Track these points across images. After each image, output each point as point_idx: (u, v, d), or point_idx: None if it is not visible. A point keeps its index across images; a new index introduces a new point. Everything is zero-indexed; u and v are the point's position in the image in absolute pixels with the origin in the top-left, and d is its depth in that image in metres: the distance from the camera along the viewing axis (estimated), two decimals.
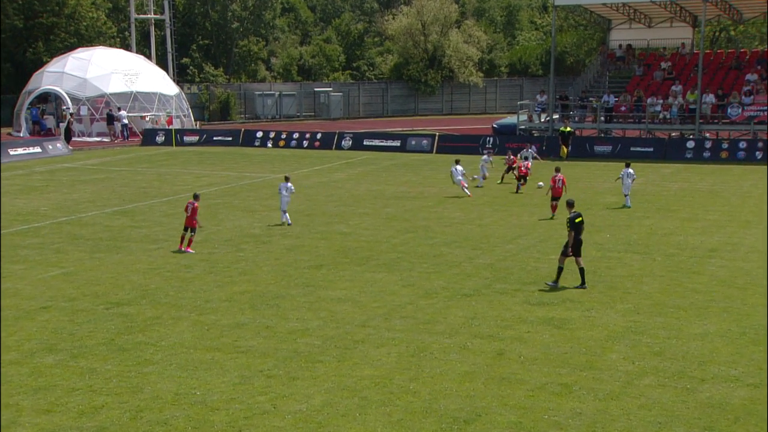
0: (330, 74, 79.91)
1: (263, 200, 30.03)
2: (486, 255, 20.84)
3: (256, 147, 50.02)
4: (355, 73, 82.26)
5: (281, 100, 72.19)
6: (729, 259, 19.84)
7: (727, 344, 13.90)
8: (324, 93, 73.82)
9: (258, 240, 23.01)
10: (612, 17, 51.26)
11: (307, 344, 14.31)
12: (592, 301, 16.57)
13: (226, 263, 20.27)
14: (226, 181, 35.23)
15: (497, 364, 13.22)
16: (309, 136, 50.37)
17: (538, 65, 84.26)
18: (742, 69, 45.32)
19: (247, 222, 25.72)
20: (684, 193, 30.31)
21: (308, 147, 49.30)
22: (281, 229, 24.40)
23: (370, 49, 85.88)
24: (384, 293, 17.49)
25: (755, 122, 41.10)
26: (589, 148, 42.57)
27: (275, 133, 51.45)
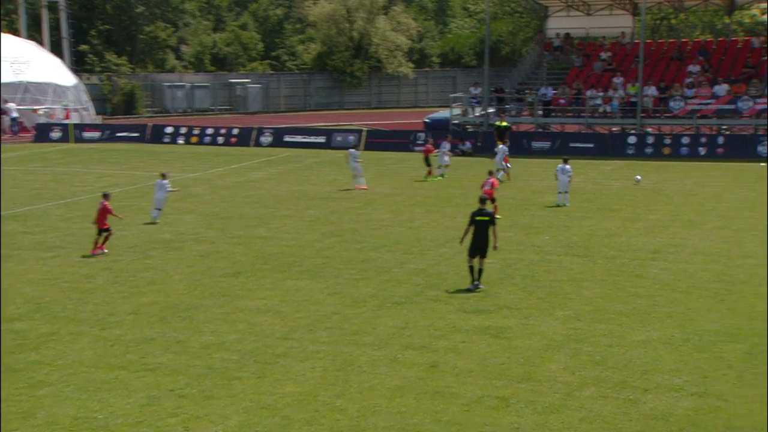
0: (247, 64, 79.22)
1: (174, 202, 29.52)
2: (418, 259, 20.97)
3: (165, 144, 49.25)
4: (274, 63, 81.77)
5: (193, 92, 71.26)
6: (672, 261, 20.45)
7: (671, 351, 14.32)
8: (240, 85, 73.19)
9: (168, 246, 22.65)
10: (549, 4, 52.31)
11: (223, 360, 14.15)
12: (530, 308, 16.85)
13: (132, 272, 19.88)
14: (132, 181, 34.57)
15: (430, 377, 13.32)
16: (224, 131, 49.90)
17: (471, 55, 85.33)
18: (683, 60, 46.84)
19: (155, 226, 25.28)
20: (626, 191, 31.12)
21: (224, 144, 48.83)
22: (194, 234, 24.07)
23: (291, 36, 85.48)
24: (308, 302, 17.42)
25: (698, 116, 42.52)
26: (526, 144, 43.34)
27: (187, 129, 50.79)
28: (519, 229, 24.41)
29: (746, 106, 41.38)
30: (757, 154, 39.47)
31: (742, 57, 46.26)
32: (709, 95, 42.47)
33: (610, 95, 44.26)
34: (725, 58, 46.81)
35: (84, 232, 24.11)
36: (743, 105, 41.41)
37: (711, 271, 19.40)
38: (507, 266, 20.12)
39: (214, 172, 37.69)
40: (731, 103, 41.72)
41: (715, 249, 21.60)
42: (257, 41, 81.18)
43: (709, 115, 42.54)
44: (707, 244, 22.21)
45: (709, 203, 28.24)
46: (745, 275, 19.04)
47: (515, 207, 28.11)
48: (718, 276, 19.00)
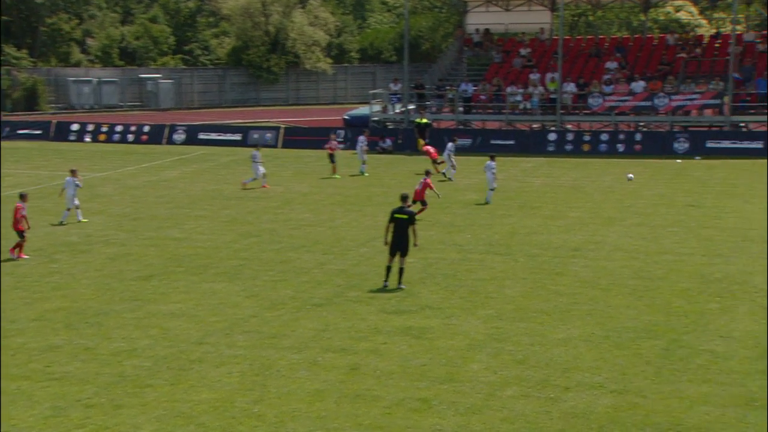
0: (158, 59, 77.78)
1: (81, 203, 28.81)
2: (338, 260, 20.98)
3: (71, 142, 48.06)
4: (187, 58, 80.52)
5: (100, 87, 69.62)
6: (592, 259, 20.95)
7: (591, 349, 14.67)
8: (151, 80, 71.85)
9: (75, 249, 22.11)
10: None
11: (134, 367, 13.89)
12: (452, 308, 17.03)
13: (36, 277, 19.34)
14: (36, 181, 33.61)
15: (351, 380, 13.34)
16: (135, 129, 48.98)
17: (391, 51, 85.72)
18: (601, 56, 48.02)
19: (61, 229, 24.66)
20: (546, 188, 31.73)
21: (134, 141, 47.91)
22: (103, 236, 23.55)
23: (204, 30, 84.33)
24: (224, 306, 17.25)
25: (616, 113, 43.66)
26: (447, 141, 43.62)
27: (94, 126, 49.69)
28: (440, 228, 24.64)
29: (662, 102, 42.68)
30: (673, 150, 40.75)
31: (657, 54, 47.69)
32: (627, 92, 43.64)
33: (530, 92, 45.05)
34: (641, 54, 48.18)
35: None
36: (659, 102, 42.69)
37: (630, 268, 19.95)
38: (428, 265, 20.29)
39: (124, 171, 36.94)
40: (648, 99, 42.97)
41: (633, 246, 22.22)
42: (168, 35, 79.77)
43: (627, 111, 43.71)
44: (626, 240, 22.83)
45: (627, 200, 29.03)
46: (662, 272, 19.64)
47: (436, 205, 28.36)
48: (636, 273, 19.56)
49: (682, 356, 14.24)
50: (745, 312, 16.59)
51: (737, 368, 13.71)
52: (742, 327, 15.71)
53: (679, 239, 22.88)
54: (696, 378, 13.34)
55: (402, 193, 18.87)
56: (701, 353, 14.37)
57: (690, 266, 20.04)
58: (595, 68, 46.98)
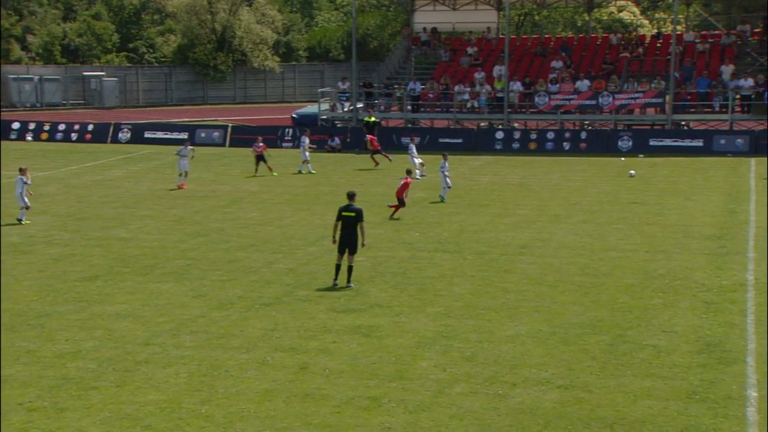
0: (102, 56, 76.58)
1: None
2: (287, 259, 20.89)
3: (12, 140, 47.06)
4: (132, 56, 79.42)
5: (42, 85, 68.31)
6: (539, 256, 21.17)
7: (538, 345, 14.83)
8: (95, 78, 70.73)
9: (17, 249, 21.67)
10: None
11: (78, 369, 13.66)
12: (401, 306, 17.07)
13: None
14: None
15: (300, 380, 13.29)
16: (78, 127, 48.20)
17: (339, 49, 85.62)
18: (547, 56, 48.56)
19: (2, 229, 24.11)
20: (494, 186, 31.98)
21: (78, 140, 47.13)
22: (46, 236, 23.12)
23: (149, 28, 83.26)
24: (171, 306, 17.06)
25: (561, 111, 44.19)
26: (396, 140, 43.83)
27: (36, 124, 48.79)
28: (389, 226, 24.68)
29: (606, 101, 43.31)
30: (617, 148, 41.38)
31: (601, 53, 48.39)
32: (572, 91, 44.20)
33: (478, 90, 45.36)
34: (586, 54, 48.84)
35: None
36: (603, 101, 43.31)
37: (576, 265, 20.21)
38: (378, 264, 20.31)
39: (68, 170, 36.31)
40: (592, 98, 43.56)
41: (579, 243, 22.51)
42: (112, 32, 78.58)
43: (572, 110, 44.27)
44: (572, 238, 23.12)
45: (573, 197, 29.40)
46: (607, 268, 19.93)
47: (385, 203, 28.39)
48: (582, 269, 19.81)
49: (627, 351, 14.48)
50: (686, 307, 16.93)
51: (679, 362, 13.98)
52: (684, 322, 16.02)
53: (623, 236, 23.25)
54: (640, 372, 13.56)
55: (349, 190, 18.84)
56: (645, 348, 14.62)
57: (634, 262, 20.38)
58: (541, 67, 47.49)
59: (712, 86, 42.54)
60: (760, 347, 14.56)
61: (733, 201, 28.21)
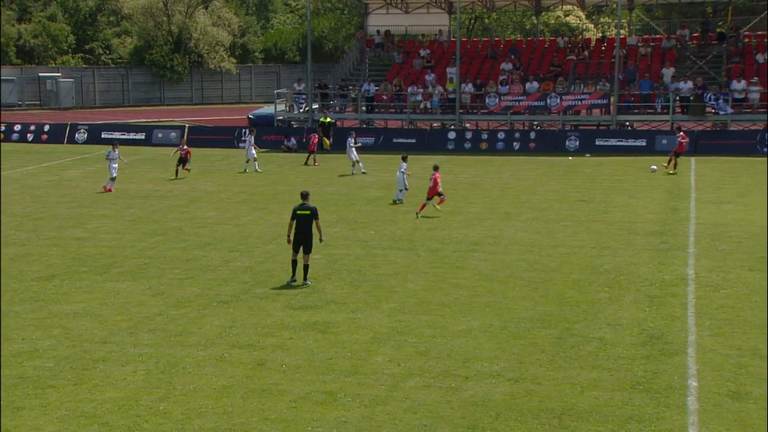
0: (57, 57, 75.32)
1: None
2: (244, 257, 20.76)
3: None
4: (88, 57, 78.24)
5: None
6: (490, 253, 21.32)
7: (489, 339, 14.94)
8: (51, 79, 69.56)
9: None
10: (369, 1, 53.13)
11: (35, 368, 13.44)
12: (357, 302, 17.08)
13: None
14: None
15: (257, 376, 13.23)
16: (34, 128, 47.38)
17: (295, 51, 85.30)
18: (497, 58, 48.90)
19: None
20: (447, 185, 32.01)
21: (34, 141, 46.32)
22: (2, 236, 22.65)
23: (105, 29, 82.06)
24: (129, 304, 16.86)
25: (511, 112, 44.54)
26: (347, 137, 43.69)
27: None
28: (345, 224, 24.66)
29: (554, 102, 43.76)
30: (565, 148, 41.84)
31: (549, 56, 48.86)
32: (521, 92, 44.58)
33: (430, 92, 45.51)
34: (534, 56, 49.28)
35: None
36: (552, 102, 43.75)
37: (526, 261, 20.39)
38: (333, 261, 20.28)
39: (24, 170, 35.65)
40: (541, 99, 43.99)
41: (529, 239, 22.71)
42: (68, 33, 77.32)
43: (522, 111, 44.65)
44: (522, 235, 23.32)
45: (523, 195, 29.66)
46: (556, 264, 20.14)
47: (341, 202, 28.38)
48: (532, 265, 20.00)
49: (574, 344, 14.65)
50: (631, 301, 17.19)
51: (624, 354, 14.20)
52: (629, 315, 16.26)
53: (571, 233, 23.52)
54: (587, 364, 13.74)
55: (302, 190, 18.78)
56: (591, 341, 14.81)
57: (581, 258, 20.63)
58: (492, 69, 47.81)
59: (654, 88, 43.23)
60: (701, 339, 14.85)
61: (674, 198, 28.70)
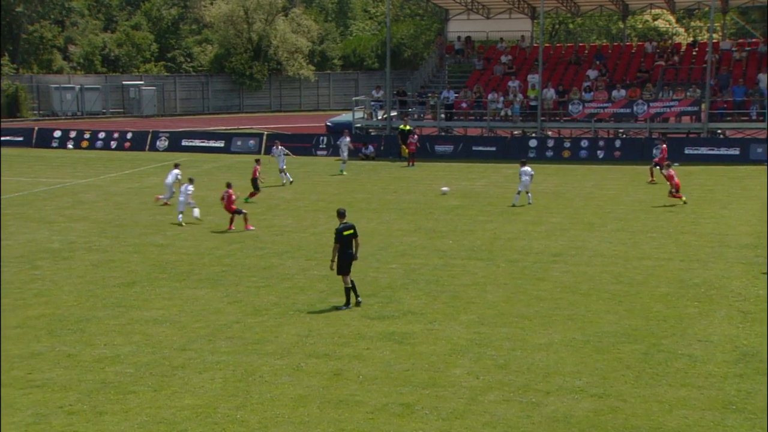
0: (141, 66, 77.54)
1: (63, 210, 28.67)
2: (321, 266, 20.92)
3: (53, 148, 47.78)
4: (170, 65, 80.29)
5: (83, 94, 69.31)
6: (573, 264, 21.01)
7: (572, 354, 14.71)
8: (134, 87, 71.60)
9: (57, 255, 21.95)
10: (449, 7, 53.09)
11: (117, 373, 13.80)
12: (435, 313, 17.04)
13: (17, 284, 19.18)
14: (17, 188, 33.37)
15: (334, 386, 13.31)
16: (117, 135, 48.76)
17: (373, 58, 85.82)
18: (581, 64, 48.27)
19: (43, 235, 24.46)
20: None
21: (117, 148, 47.67)
22: (86, 243, 23.41)
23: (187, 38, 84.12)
24: (207, 312, 17.17)
25: (596, 120, 43.88)
26: (429, 148, 43.82)
27: (77, 133, 49.41)
28: (423, 234, 24.66)
29: (641, 109, 42.93)
30: (652, 157, 40.92)
31: (636, 61, 47.98)
32: (606, 99, 43.87)
33: (511, 99, 45.21)
34: (620, 62, 48.46)
35: None
36: (638, 109, 42.93)
37: (610, 273, 20.03)
38: (411, 271, 20.29)
39: (107, 177, 36.74)
40: (627, 106, 43.20)
41: (613, 251, 22.31)
42: (151, 42, 79.54)
43: (607, 118, 43.94)
44: (606, 246, 22.92)
45: (607, 206, 29.16)
46: (642, 276, 19.73)
47: (419, 211, 28.40)
48: (616, 278, 19.64)
49: (662, 360, 14.31)
50: (722, 316, 16.70)
51: (715, 372, 13.80)
52: (720, 331, 15.81)
53: (658, 244, 23.01)
54: (675, 382, 13.40)
55: (339, 208, 18.03)
56: (680, 357, 14.44)
57: (669, 271, 20.15)
58: (575, 76, 47.22)
59: (749, 94, 41.98)
60: None
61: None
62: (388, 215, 27.75)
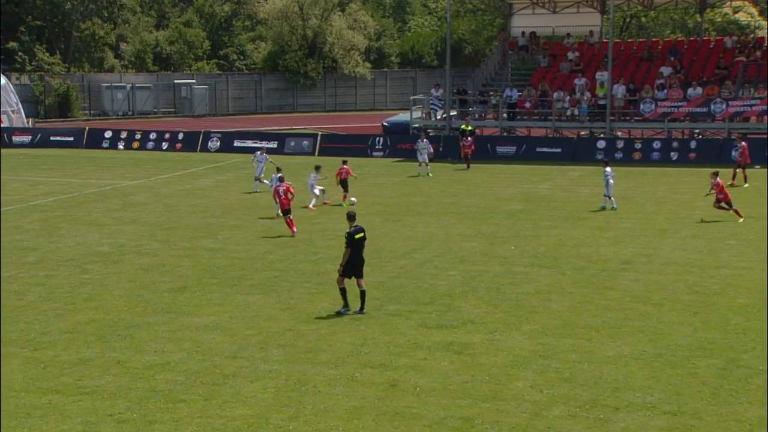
0: (192, 64, 78.76)
1: (113, 212, 29.24)
2: (376, 272, 20.98)
3: (104, 149, 48.78)
4: (222, 63, 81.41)
5: (134, 93, 70.69)
6: (643, 272, 20.72)
7: (642, 368, 14.50)
8: (186, 86, 72.75)
9: (107, 259, 22.39)
10: (513, 1, 52.85)
11: (167, 381, 14.01)
12: (496, 323, 16.95)
13: (67, 288, 19.61)
14: (68, 189, 34.14)
15: (390, 397, 13.32)
16: (169, 136, 49.57)
17: (432, 55, 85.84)
18: (654, 60, 47.58)
19: (93, 238, 24.98)
20: (595, 199, 31.43)
21: (168, 149, 48.47)
22: (136, 246, 23.83)
23: (240, 34, 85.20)
24: (259, 318, 17.34)
25: (669, 119, 43.21)
26: (490, 149, 43.67)
27: (127, 133, 50.38)
28: (483, 239, 24.56)
29: (719, 109, 42.14)
30: (731, 159, 40.15)
31: (714, 57, 47.13)
32: (681, 97, 43.16)
33: (578, 97, 44.78)
34: (697, 58, 47.65)
35: (14, 245, 23.76)
36: (716, 108, 42.15)
37: (684, 282, 19.70)
38: (471, 278, 20.23)
39: (158, 179, 37.37)
40: (704, 105, 42.45)
41: (688, 259, 21.94)
42: (203, 39, 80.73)
43: (681, 118, 43.24)
44: (680, 253, 22.55)
45: (681, 211, 28.70)
46: (719, 286, 19.36)
47: (479, 215, 28.30)
48: (691, 287, 19.31)
49: (741, 376, 14.02)
50: None
51: None
52: None
53: (737, 252, 22.56)
54: (756, 400, 13.11)
55: (348, 211, 18.15)
56: (761, 374, 14.13)
57: (749, 281, 19.74)
58: (647, 73, 46.57)
59: None
60: None
61: None
62: (446, 219, 27.70)
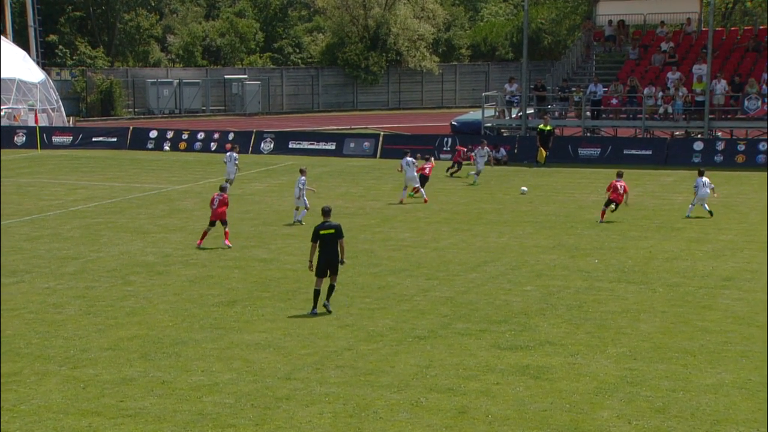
0: (245, 57, 79.73)
1: (158, 219, 29.72)
2: (444, 286, 20.96)
3: (148, 150, 49.59)
4: (277, 57, 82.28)
5: (181, 90, 71.83)
6: (747, 291, 20.38)
7: (746, 398, 14.24)
8: (237, 82, 73.67)
9: (152, 270, 22.74)
10: None
11: (215, 403, 14.16)
12: (577, 344, 16.81)
13: (109, 300, 19.96)
14: (110, 194, 34.79)
15: (458, 425, 13.29)
16: (218, 136, 50.19)
17: (507, 47, 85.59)
18: (761, 51, 46.73)
19: (137, 247, 25.40)
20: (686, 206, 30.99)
21: (217, 150, 49.05)
22: (182, 256, 24.18)
23: (296, 26, 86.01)
24: (314, 336, 17.44)
25: None
26: (571, 151, 43.35)
27: (174, 133, 51.14)
28: (563, 251, 24.38)
29: None
30: None
31: None
32: None
33: (672, 94, 44.19)
34: None
35: (53, 254, 24.29)
36: None
37: None
38: (549, 294, 20.09)
39: (206, 183, 37.87)
40: None
41: None
42: (256, 31, 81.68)
43: None
44: None
45: None
46: None
47: (558, 224, 28.09)
48: None
49: None
50: None
51: None
52: None
53: None
54: None
55: (324, 206, 19.55)
56: None
57: None
58: (753, 65, 45.79)
59: None
60: None
61: None
62: (522, 229, 27.54)
